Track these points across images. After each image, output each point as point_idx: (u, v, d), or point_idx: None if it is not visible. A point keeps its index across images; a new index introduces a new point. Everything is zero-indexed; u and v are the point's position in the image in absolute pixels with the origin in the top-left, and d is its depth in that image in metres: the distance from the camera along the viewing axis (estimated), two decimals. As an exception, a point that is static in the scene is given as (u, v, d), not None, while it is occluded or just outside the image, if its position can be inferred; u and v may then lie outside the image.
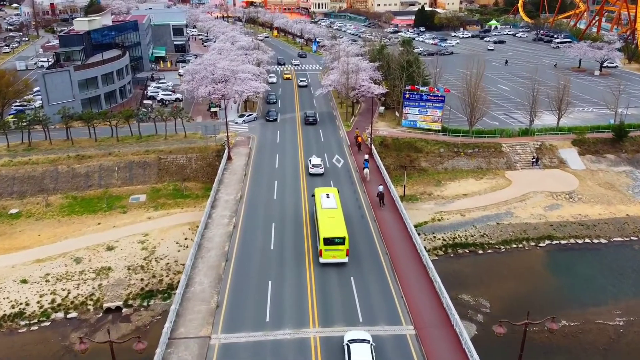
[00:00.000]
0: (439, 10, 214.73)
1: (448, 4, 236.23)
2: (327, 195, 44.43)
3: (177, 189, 62.34)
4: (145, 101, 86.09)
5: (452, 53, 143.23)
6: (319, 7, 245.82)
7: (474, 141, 72.35)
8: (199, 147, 67.84)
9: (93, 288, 45.43)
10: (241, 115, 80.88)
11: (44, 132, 69.83)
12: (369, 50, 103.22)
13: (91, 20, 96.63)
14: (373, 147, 65.02)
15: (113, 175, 63.73)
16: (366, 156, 61.27)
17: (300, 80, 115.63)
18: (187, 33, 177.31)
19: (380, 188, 50.84)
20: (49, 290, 45.14)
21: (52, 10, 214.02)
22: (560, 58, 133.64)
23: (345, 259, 39.44)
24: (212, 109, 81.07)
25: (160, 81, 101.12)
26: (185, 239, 51.91)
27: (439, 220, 56.51)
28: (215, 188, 54.08)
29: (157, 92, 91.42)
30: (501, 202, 60.65)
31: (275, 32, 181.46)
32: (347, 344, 30.11)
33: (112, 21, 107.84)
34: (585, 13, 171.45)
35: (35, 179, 62.27)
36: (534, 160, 71.14)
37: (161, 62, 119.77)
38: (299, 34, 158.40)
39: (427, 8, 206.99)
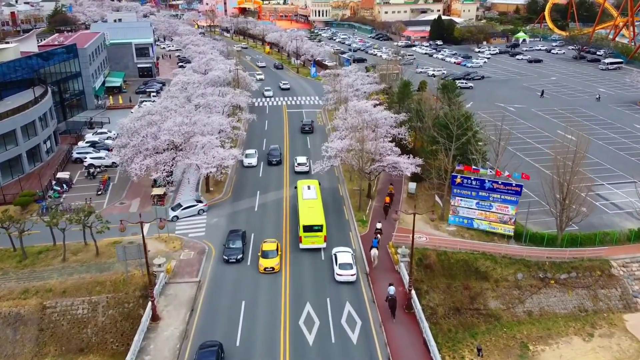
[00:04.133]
0: (455, 19, 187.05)
1: (464, 11, 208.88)
2: (308, 187, 47.70)
3: (62, 378, 35.11)
4: (59, 174, 56.89)
5: (482, 77, 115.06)
6: (319, 15, 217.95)
7: (568, 256, 44.89)
8: (114, 279, 40.26)
9: None
10: (176, 207, 50.31)
11: None
12: (387, 89, 76.00)
13: (1, 49, 69.11)
14: (414, 294, 37.11)
15: (-46, 345, 36.49)
16: (379, 225, 45.79)
17: (283, 83, 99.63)
18: (164, 48, 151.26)
19: (391, 291, 36.29)
20: None
21: (13, 20, 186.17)
22: (619, 85, 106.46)
23: (324, 245, 42.44)
24: (156, 191, 53.30)
25: (100, 130, 73.45)
26: None
27: None
28: None
29: (87, 152, 63.27)
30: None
31: (268, 47, 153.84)
32: (334, 254, 40.04)
33: (40, 46, 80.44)
34: (625, 27, 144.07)
35: None
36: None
37: (111, 96, 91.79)
38: (294, 51, 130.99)
39: (442, 17, 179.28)
